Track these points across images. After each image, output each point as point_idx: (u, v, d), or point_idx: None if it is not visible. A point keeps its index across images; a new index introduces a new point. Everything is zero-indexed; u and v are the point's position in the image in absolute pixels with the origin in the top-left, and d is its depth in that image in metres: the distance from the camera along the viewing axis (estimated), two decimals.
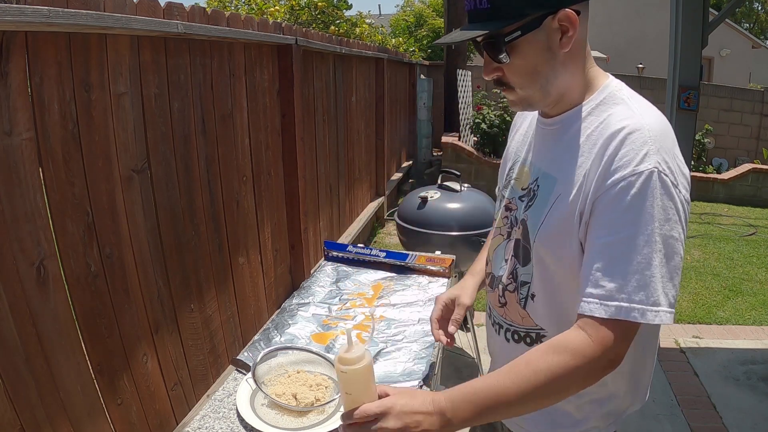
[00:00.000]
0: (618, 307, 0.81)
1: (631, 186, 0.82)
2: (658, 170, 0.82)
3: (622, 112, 0.89)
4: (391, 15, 16.72)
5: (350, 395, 0.87)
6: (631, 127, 0.85)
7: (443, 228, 2.55)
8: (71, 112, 1.32)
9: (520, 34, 0.87)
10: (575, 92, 0.94)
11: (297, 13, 5.97)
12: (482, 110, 7.04)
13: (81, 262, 1.37)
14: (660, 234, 0.81)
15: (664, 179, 0.82)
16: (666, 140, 0.86)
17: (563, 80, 0.92)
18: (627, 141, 0.84)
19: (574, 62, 0.91)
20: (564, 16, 0.85)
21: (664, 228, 0.82)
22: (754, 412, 2.58)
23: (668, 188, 0.82)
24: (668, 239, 0.82)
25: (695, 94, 3.00)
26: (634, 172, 0.82)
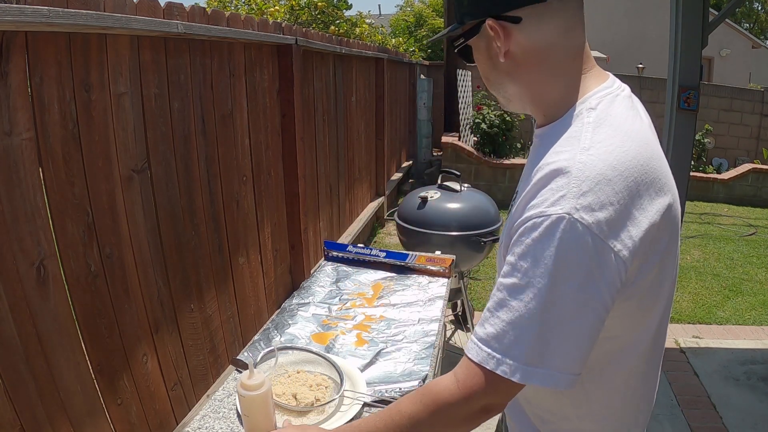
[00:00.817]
0: (489, 355, 0.73)
1: (534, 229, 0.71)
2: (573, 218, 0.68)
3: (567, 141, 0.76)
4: (391, 15, 16.73)
5: (248, 417, 0.99)
6: (561, 163, 0.73)
7: (443, 228, 2.55)
8: (71, 112, 1.32)
9: (464, 41, 0.86)
10: (552, 104, 0.83)
11: (297, 13, 5.97)
12: (482, 110, 7.04)
13: (81, 262, 1.37)
14: (557, 292, 0.69)
15: (577, 228, 0.68)
16: (606, 186, 0.70)
17: (517, 89, 0.85)
18: (550, 176, 0.73)
19: (530, 72, 0.81)
20: (490, 25, 0.79)
21: (565, 285, 0.69)
22: (754, 412, 2.58)
23: (581, 238, 0.68)
24: (570, 299, 0.69)
25: (695, 94, 3.00)
26: (541, 214, 0.71)
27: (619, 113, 0.79)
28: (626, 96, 0.84)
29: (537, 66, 0.81)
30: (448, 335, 3.23)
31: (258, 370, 1.06)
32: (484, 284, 4.14)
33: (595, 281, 0.69)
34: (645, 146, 0.77)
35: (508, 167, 6.56)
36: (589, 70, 0.83)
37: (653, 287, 0.79)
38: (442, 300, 1.67)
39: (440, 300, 1.67)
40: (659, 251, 0.76)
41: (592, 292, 0.70)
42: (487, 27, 0.79)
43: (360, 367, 1.29)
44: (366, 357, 1.35)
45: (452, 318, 3.27)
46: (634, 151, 0.74)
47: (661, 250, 0.77)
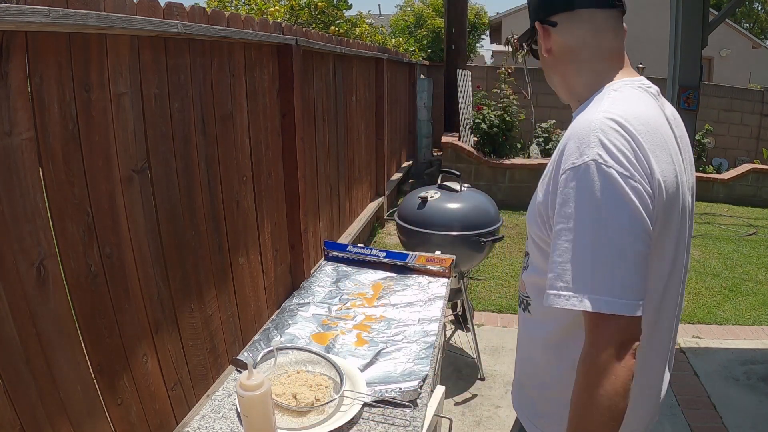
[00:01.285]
0: (557, 295, 0.84)
1: (568, 179, 0.84)
2: (598, 162, 0.81)
3: (589, 108, 0.92)
4: (391, 15, 16.73)
5: (248, 417, 1.00)
6: (585, 120, 0.87)
7: (443, 228, 2.55)
8: (71, 112, 1.32)
9: (527, 39, 1.06)
10: (581, 94, 1.00)
11: (297, 13, 5.97)
12: (482, 110, 7.04)
13: (81, 262, 1.37)
14: (599, 227, 0.81)
15: (603, 170, 0.81)
16: (621, 135, 0.83)
17: (558, 80, 1.04)
18: (574, 134, 0.86)
19: (565, 65, 1.00)
20: (537, 27, 1.01)
21: (604, 220, 0.81)
22: (754, 412, 2.58)
23: (607, 178, 0.81)
24: (612, 231, 0.80)
25: (695, 94, 3.00)
26: (572, 166, 0.84)
27: (637, 95, 0.93)
28: (648, 88, 0.97)
29: (570, 61, 0.99)
30: (448, 335, 3.23)
31: (257, 370, 1.06)
32: (484, 284, 4.14)
33: (630, 212, 0.81)
34: (656, 120, 0.91)
35: (508, 167, 6.56)
36: (620, 70, 0.98)
37: (659, 239, 0.89)
38: (442, 300, 1.67)
39: (440, 300, 1.67)
40: (663, 206, 0.88)
41: (625, 222, 0.81)
42: (536, 29, 1.01)
43: (360, 367, 1.29)
44: (366, 357, 1.35)
45: (452, 318, 3.27)
46: (646, 118, 0.88)
47: (665, 206, 0.88)
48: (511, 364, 3.01)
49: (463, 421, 2.52)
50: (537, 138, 7.69)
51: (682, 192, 0.93)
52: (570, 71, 1.00)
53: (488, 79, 9.08)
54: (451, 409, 2.61)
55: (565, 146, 0.88)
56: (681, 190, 0.92)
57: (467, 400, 2.69)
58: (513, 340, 3.25)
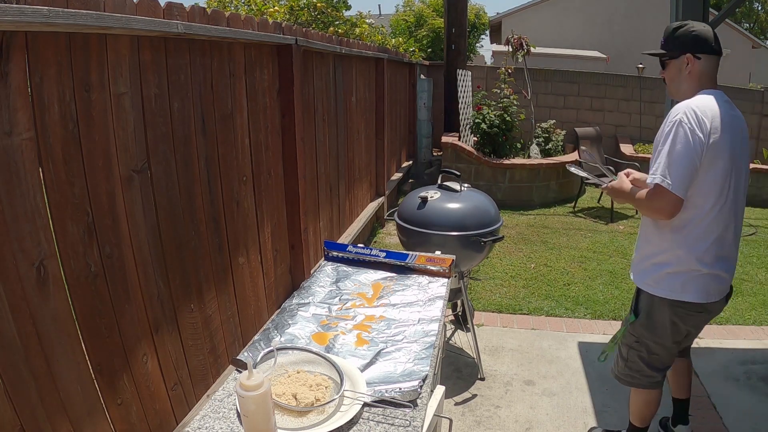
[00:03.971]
0: (653, 177, 1.71)
1: (667, 126, 1.71)
2: (681, 121, 1.68)
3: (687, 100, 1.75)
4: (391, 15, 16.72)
5: (248, 417, 1.01)
6: (682, 104, 1.73)
7: (443, 228, 2.55)
8: (71, 112, 1.32)
9: (668, 59, 1.85)
10: (686, 94, 1.81)
11: (297, 14, 5.97)
12: (482, 110, 7.03)
13: (81, 262, 1.37)
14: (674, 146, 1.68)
15: (683, 124, 1.68)
16: (695, 109, 1.68)
17: (684, 87, 1.83)
18: (674, 110, 1.73)
19: (693, 80, 1.81)
20: (687, 58, 1.79)
21: (673, 143, 1.68)
22: (754, 412, 2.58)
23: (683, 128, 1.67)
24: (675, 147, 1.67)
25: None
26: (668, 123, 1.71)
27: (710, 98, 1.74)
28: (720, 96, 1.77)
29: (697, 78, 1.80)
30: (448, 335, 3.23)
31: (257, 370, 1.06)
32: (484, 284, 4.14)
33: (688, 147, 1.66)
34: (718, 110, 1.72)
35: (508, 167, 6.56)
36: (710, 87, 1.80)
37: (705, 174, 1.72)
38: (442, 300, 1.67)
39: (440, 300, 1.67)
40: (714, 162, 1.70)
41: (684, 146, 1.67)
42: (685, 57, 1.79)
43: (360, 367, 1.29)
44: (366, 357, 1.35)
45: (452, 318, 3.27)
46: (712, 107, 1.71)
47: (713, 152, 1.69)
48: (511, 364, 3.01)
49: (463, 421, 2.52)
50: (537, 138, 7.69)
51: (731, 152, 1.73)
52: (697, 83, 1.80)
53: (488, 79, 9.08)
54: (451, 409, 2.61)
55: (668, 115, 1.74)
56: (728, 150, 1.72)
57: (467, 400, 2.69)
58: (513, 340, 3.26)
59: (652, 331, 1.92)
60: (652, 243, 1.89)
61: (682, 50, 1.78)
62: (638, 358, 1.99)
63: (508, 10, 16.68)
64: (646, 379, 2.02)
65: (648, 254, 1.91)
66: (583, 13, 14.87)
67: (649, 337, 1.94)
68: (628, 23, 14.26)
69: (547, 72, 9.24)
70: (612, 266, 4.58)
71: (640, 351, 1.98)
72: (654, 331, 1.92)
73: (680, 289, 1.82)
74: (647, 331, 1.94)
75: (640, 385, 2.05)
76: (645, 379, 2.02)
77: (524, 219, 6.02)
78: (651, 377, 2.01)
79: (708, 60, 1.77)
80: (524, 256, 4.84)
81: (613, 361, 2.14)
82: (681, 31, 1.79)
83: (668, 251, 1.82)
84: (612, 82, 9.26)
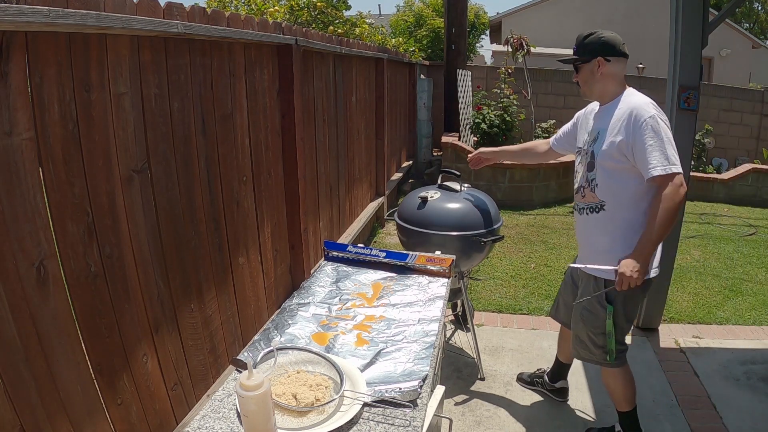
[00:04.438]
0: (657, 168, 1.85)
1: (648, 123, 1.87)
2: (656, 114, 1.88)
3: (631, 98, 1.97)
4: (391, 15, 16.72)
5: (248, 417, 1.01)
6: (636, 101, 1.94)
7: (443, 228, 2.55)
8: (71, 112, 1.32)
9: (581, 63, 2.04)
10: (611, 94, 2.04)
11: (296, 14, 5.97)
12: (482, 110, 7.04)
13: (81, 262, 1.37)
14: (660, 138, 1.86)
15: (659, 118, 1.88)
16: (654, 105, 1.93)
17: (597, 88, 2.04)
18: (636, 107, 1.91)
19: (606, 81, 2.01)
20: (598, 61, 1.99)
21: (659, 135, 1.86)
22: (754, 412, 2.58)
23: (662, 120, 1.88)
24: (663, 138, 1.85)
25: (695, 94, 3.00)
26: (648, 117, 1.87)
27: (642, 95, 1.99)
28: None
29: (612, 78, 2.01)
30: (448, 335, 3.23)
31: (257, 370, 1.06)
32: (484, 284, 4.14)
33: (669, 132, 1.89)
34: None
35: (508, 167, 6.56)
36: (623, 86, 2.03)
37: None
38: (442, 300, 1.67)
39: (440, 300, 1.67)
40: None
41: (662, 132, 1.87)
42: (596, 60, 1.99)
43: (360, 367, 1.29)
44: (366, 357, 1.35)
45: (452, 318, 3.27)
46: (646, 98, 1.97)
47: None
48: (511, 364, 3.01)
49: (463, 421, 2.52)
50: (537, 138, 7.69)
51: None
52: (609, 84, 2.02)
53: (488, 79, 9.09)
54: (451, 409, 2.61)
55: (631, 112, 1.90)
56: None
57: (467, 400, 2.69)
58: (513, 340, 3.26)
59: (629, 312, 2.11)
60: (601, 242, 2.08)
61: (592, 54, 1.97)
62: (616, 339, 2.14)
63: (508, 10, 16.69)
64: (623, 354, 2.18)
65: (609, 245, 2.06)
66: (583, 13, 14.87)
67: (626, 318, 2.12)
68: (628, 23, 14.26)
69: (547, 72, 9.23)
70: None
71: (617, 334, 2.14)
72: (632, 312, 2.12)
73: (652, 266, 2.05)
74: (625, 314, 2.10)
75: (620, 363, 2.18)
76: (623, 355, 2.17)
77: (524, 219, 6.02)
78: (624, 351, 2.18)
79: (617, 62, 1.98)
80: (524, 256, 4.84)
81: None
82: (591, 38, 1.99)
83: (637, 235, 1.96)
84: None
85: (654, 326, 3.36)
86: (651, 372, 2.91)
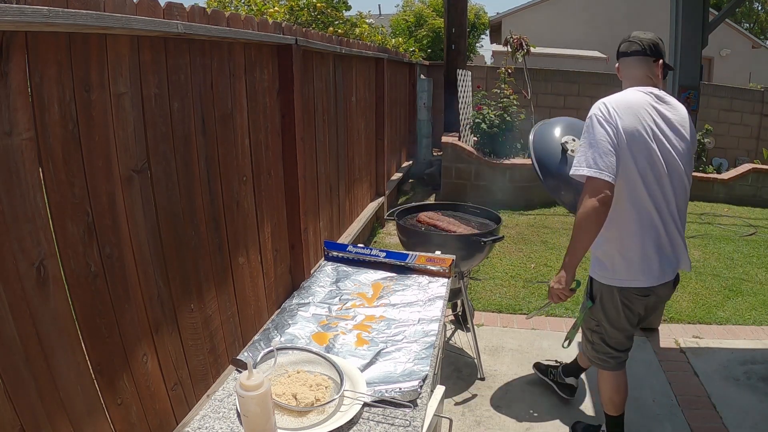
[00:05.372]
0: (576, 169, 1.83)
1: (586, 122, 1.88)
2: (595, 114, 1.84)
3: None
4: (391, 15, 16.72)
5: (248, 417, 1.01)
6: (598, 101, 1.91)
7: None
8: (71, 112, 1.32)
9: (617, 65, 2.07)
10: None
11: (296, 14, 5.96)
12: (482, 110, 7.03)
13: (81, 262, 1.37)
14: (589, 138, 1.82)
15: (595, 117, 1.84)
16: (605, 105, 1.85)
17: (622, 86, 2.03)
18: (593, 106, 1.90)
19: (623, 81, 2.03)
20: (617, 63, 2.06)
21: (591, 136, 1.81)
22: (754, 412, 2.58)
23: (596, 120, 1.83)
24: (593, 140, 1.80)
25: (695, 94, 3.00)
26: (588, 116, 1.87)
27: (631, 92, 1.92)
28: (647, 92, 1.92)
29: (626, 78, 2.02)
30: (448, 335, 3.23)
31: (257, 370, 1.06)
32: (484, 284, 4.14)
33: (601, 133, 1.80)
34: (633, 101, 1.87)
35: (508, 167, 6.56)
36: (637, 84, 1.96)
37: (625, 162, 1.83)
38: (442, 300, 1.67)
39: (440, 300, 1.67)
40: (625, 138, 1.81)
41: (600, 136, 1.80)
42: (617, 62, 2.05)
43: (360, 367, 1.29)
44: (366, 357, 1.35)
45: (452, 318, 3.27)
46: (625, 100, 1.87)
47: (626, 138, 1.81)
48: (511, 364, 3.01)
49: (463, 421, 2.52)
50: None
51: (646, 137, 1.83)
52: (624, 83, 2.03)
53: (488, 79, 9.08)
54: (451, 409, 2.61)
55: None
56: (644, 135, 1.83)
57: (467, 400, 2.69)
58: (513, 340, 3.26)
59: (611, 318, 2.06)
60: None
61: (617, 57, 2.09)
62: (600, 341, 2.13)
63: (508, 10, 16.69)
64: (613, 360, 2.14)
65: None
66: (584, 13, 14.88)
67: (609, 323, 2.08)
68: (628, 23, 14.26)
69: (547, 72, 9.23)
70: None
71: (601, 333, 2.11)
72: (614, 319, 2.05)
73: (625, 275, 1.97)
74: (606, 318, 2.07)
75: (608, 366, 2.15)
76: (612, 360, 2.14)
77: (524, 219, 6.02)
78: (616, 357, 2.13)
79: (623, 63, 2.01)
80: (524, 256, 4.84)
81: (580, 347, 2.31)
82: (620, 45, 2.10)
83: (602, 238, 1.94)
84: (612, 82, 9.23)
85: (654, 326, 3.36)
86: (651, 372, 2.91)
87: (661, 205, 1.89)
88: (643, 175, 1.84)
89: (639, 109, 1.84)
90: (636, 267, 1.93)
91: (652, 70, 1.94)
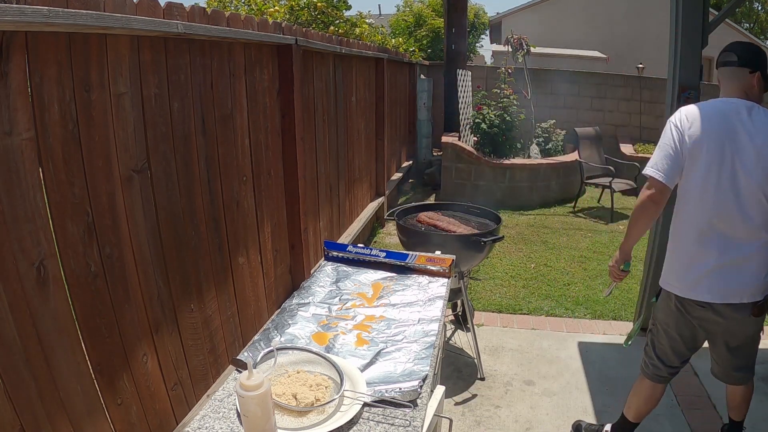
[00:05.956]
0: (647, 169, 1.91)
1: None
2: (671, 120, 1.89)
3: None
4: (391, 15, 16.72)
5: (248, 417, 1.01)
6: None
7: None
8: (71, 112, 1.32)
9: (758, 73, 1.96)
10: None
11: (297, 14, 5.96)
12: (482, 110, 7.03)
13: (81, 262, 1.37)
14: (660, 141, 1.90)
15: (670, 123, 1.89)
16: (683, 111, 1.88)
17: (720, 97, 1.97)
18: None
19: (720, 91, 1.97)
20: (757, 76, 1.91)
21: (661, 139, 1.90)
22: (754, 412, 2.57)
23: (669, 125, 1.89)
24: (661, 143, 1.89)
25: (695, 94, 3.00)
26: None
27: (713, 102, 1.89)
28: (732, 103, 1.85)
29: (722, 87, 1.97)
30: (448, 335, 3.23)
31: (257, 370, 1.06)
32: (484, 284, 4.14)
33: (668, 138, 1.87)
34: (705, 112, 1.85)
35: (508, 167, 6.56)
36: (727, 96, 1.91)
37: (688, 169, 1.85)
38: (442, 300, 1.67)
39: (440, 300, 1.67)
40: (690, 145, 1.82)
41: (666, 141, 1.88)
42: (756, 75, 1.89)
43: (360, 367, 1.29)
44: (366, 357, 1.35)
45: (452, 318, 3.27)
46: (695, 110, 1.86)
47: (691, 144, 1.82)
48: (511, 364, 3.01)
49: (463, 421, 2.52)
50: (537, 138, 7.69)
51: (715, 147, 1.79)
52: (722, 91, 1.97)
53: (488, 79, 9.08)
54: (451, 409, 2.60)
55: None
56: (712, 146, 1.79)
57: (467, 400, 2.69)
58: (513, 340, 3.26)
59: (661, 322, 2.08)
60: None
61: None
62: (650, 343, 2.15)
63: (508, 10, 16.68)
64: (652, 368, 2.14)
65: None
66: (584, 13, 14.86)
67: (658, 320, 2.10)
68: (628, 23, 14.27)
69: (547, 72, 9.23)
70: None
71: (653, 335, 2.14)
72: (664, 324, 2.07)
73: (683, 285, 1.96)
74: (659, 323, 2.10)
75: (647, 374, 2.16)
76: (651, 368, 2.14)
77: (524, 219, 6.02)
78: (656, 368, 2.13)
79: (721, 73, 1.97)
80: (524, 256, 4.84)
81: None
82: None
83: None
84: (612, 82, 9.25)
85: None
86: None
87: (725, 219, 1.81)
88: (704, 184, 1.81)
89: (714, 120, 1.80)
90: (689, 279, 1.91)
91: (746, 82, 1.85)
